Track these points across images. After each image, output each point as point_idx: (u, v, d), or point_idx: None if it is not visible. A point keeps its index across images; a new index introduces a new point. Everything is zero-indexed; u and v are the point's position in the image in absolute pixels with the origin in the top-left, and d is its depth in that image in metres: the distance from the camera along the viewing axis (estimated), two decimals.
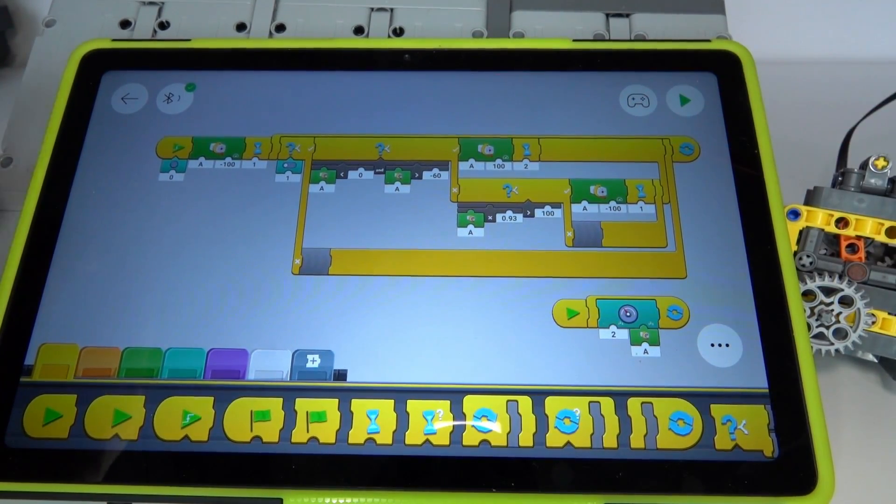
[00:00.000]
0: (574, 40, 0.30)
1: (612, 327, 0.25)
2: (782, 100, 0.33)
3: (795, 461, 0.23)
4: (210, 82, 0.30)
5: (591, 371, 0.24)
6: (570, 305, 0.25)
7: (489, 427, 0.23)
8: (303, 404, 0.24)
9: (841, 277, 0.27)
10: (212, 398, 0.24)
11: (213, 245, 0.26)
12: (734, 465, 0.23)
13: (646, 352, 0.25)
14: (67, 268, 0.26)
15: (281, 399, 0.24)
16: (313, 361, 0.24)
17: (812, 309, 0.27)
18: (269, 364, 0.24)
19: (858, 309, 0.27)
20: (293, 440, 0.23)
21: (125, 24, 0.33)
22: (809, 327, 0.27)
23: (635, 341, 0.25)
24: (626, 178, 0.27)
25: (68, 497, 0.23)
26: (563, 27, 0.33)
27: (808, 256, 0.28)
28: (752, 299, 0.25)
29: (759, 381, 0.24)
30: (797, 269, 0.27)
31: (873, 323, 0.27)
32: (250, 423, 0.24)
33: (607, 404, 0.24)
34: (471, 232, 0.27)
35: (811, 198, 0.29)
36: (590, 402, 0.24)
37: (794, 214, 0.28)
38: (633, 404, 0.24)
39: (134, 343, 0.25)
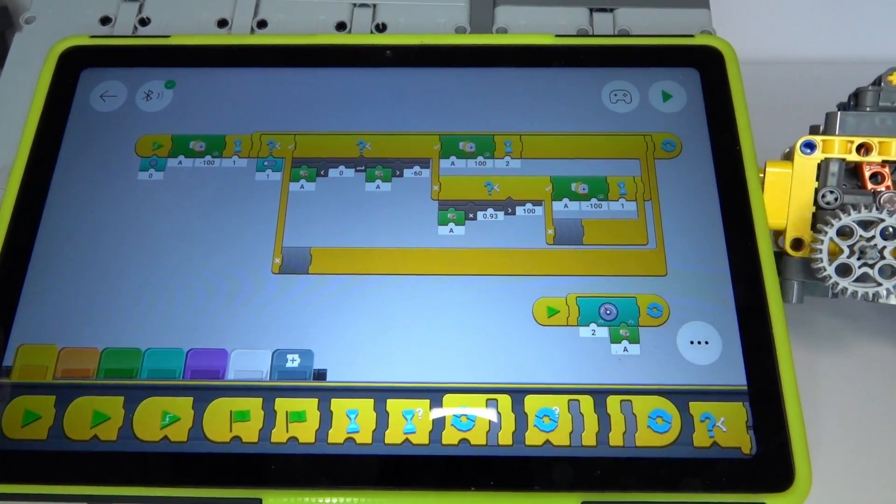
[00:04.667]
0: (556, 36, 0.30)
1: (593, 325, 0.25)
2: (770, 99, 0.33)
3: (773, 458, 0.23)
4: (190, 79, 0.29)
5: (570, 369, 0.24)
6: (551, 303, 0.25)
7: (469, 426, 0.23)
8: (282, 404, 0.24)
9: (875, 208, 0.24)
10: (191, 398, 0.24)
11: (193, 244, 0.26)
12: (712, 462, 0.23)
13: (625, 350, 0.25)
14: (46, 268, 0.26)
15: (261, 399, 0.24)
16: (293, 361, 0.24)
17: (851, 248, 0.24)
18: (248, 364, 0.24)
19: None
20: (273, 440, 0.23)
21: (105, 20, 0.33)
22: (850, 269, 0.24)
23: (615, 339, 0.25)
24: (607, 175, 0.27)
25: (48, 498, 0.23)
26: (547, 22, 0.33)
27: (831, 192, 0.25)
28: (732, 296, 0.25)
29: (738, 378, 0.24)
30: (821, 208, 0.25)
31: None
32: (230, 424, 0.24)
33: (586, 402, 0.24)
34: (451, 230, 0.26)
35: (823, 127, 0.26)
36: (569, 400, 0.24)
37: (809, 147, 0.26)
38: (613, 402, 0.24)
39: (113, 343, 0.25)
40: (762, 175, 0.27)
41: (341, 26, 0.33)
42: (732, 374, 0.24)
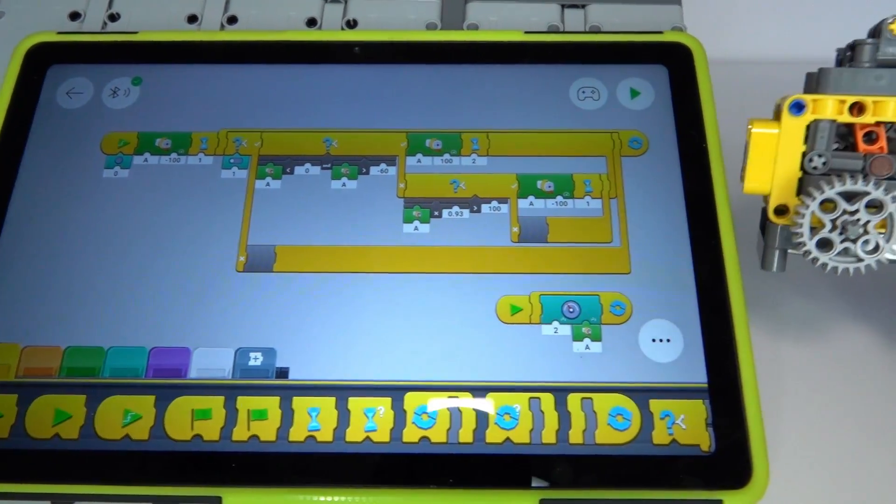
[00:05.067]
0: (526, 32, 0.30)
1: (555, 323, 0.25)
2: (744, 99, 0.32)
3: (731, 455, 0.23)
4: (157, 76, 0.29)
5: (532, 367, 0.24)
6: (514, 301, 0.25)
7: (430, 423, 0.24)
8: (244, 402, 0.24)
9: (864, 176, 0.23)
10: (153, 397, 0.24)
11: (157, 242, 0.26)
12: (671, 459, 0.23)
13: (587, 347, 0.25)
14: (9, 266, 0.26)
15: (223, 397, 0.24)
16: (256, 359, 0.24)
17: (833, 221, 0.23)
18: (211, 362, 0.24)
19: (891, 213, 0.23)
20: (234, 438, 0.23)
21: (75, 15, 0.33)
22: (831, 243, 0.23)
23: (577, 337, 0.25)
24: (573, 172, 0.27)
25: (10, 497, 0.23)
26: (518, 18, 0.32)
27: (819, 156, 0.23)
28: (695, 294, 0.25)
29: (698, 375, 0.24)
30: (808, 173, 0.24)
31: None
32: (191, 422, 0.24)
33: (547, 400, 0.24)
34: (416, 228, 0.26)
35: (815, 83, 0.24)
36: (530, 398, 0.24)
37: (798, 108, 0.24)
38: (573, 400, 0.24)
39: (76, 342, 0.25)
40: (750, 128, 0.25)
41: (312, 22, 0.32)
42: (693, 372, 0.24)
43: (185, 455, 0.23)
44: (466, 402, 0.24)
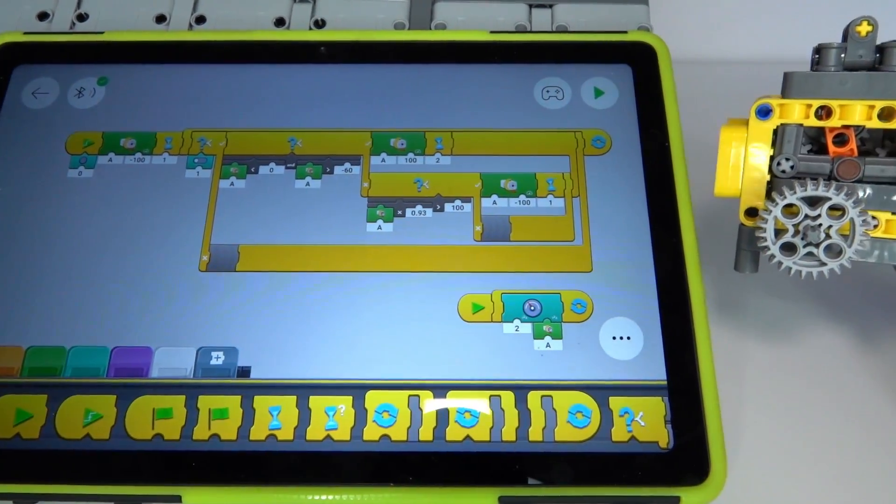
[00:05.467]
0: (491, 32, 0.30)
1: (516, 321, 0.25)
2: (707, 100, 0.33)
3: (689, 452, 0.23)
4: (123, 76, 0.29)
5: (493, 365, 0.24)
6: (476, 300, 0.25)
7: (390, 422, 0.24)
8: (205, 401, 0.24)
9: (830, 179, 0.23)
10: (114, 396, 0.24)
11: (121, 242, 0.26)
12: (629, 456, 0.23)
13: (548, 345, 0.25)
14: None
15: (184, 396, 0.24)
16: (217, 358, 0.25)
17: (796, 227, 0.23)
18: (172, 361, 0.24)
19: (852, 218, 0.23)
20: (194, 437, 0.23)
21: (43, 15, 0.33)
22: (794, 248, 0.23)
23: (538, 335, 0.25)
24: (536, 171, 0.28)
25: None
26: (486, 18, 0.33)
27: (787, 160, 0.24)
28: (656, 292, 0.25)
29: (658, 373, 0.24)
30: (776, 176, 0.24)
31: (875, 226, 0.23)
32: (152, 421, 0.24)
33: (508, 398, 0.24)
34: (380, 227, 0.27)
35: (783, 88, 0.24)
36: (491, 396, 0.24)
37: (764, 113, 0.24)
38: (534, 398, 0.24)
39: (38, 342, 0.25)
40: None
41: (280, 22, 0.33)
42: (653, 370, 0.24)
43: (146, 454, 0.23)
44: (427, 400, 0.24)
